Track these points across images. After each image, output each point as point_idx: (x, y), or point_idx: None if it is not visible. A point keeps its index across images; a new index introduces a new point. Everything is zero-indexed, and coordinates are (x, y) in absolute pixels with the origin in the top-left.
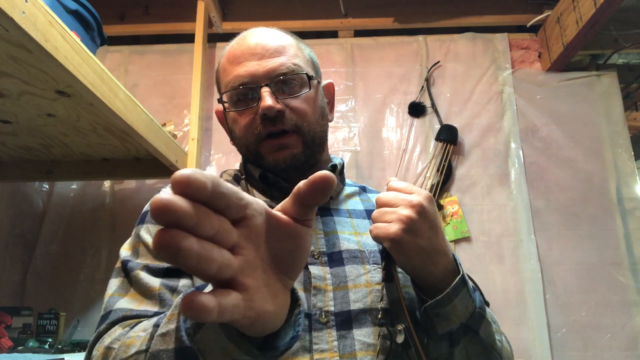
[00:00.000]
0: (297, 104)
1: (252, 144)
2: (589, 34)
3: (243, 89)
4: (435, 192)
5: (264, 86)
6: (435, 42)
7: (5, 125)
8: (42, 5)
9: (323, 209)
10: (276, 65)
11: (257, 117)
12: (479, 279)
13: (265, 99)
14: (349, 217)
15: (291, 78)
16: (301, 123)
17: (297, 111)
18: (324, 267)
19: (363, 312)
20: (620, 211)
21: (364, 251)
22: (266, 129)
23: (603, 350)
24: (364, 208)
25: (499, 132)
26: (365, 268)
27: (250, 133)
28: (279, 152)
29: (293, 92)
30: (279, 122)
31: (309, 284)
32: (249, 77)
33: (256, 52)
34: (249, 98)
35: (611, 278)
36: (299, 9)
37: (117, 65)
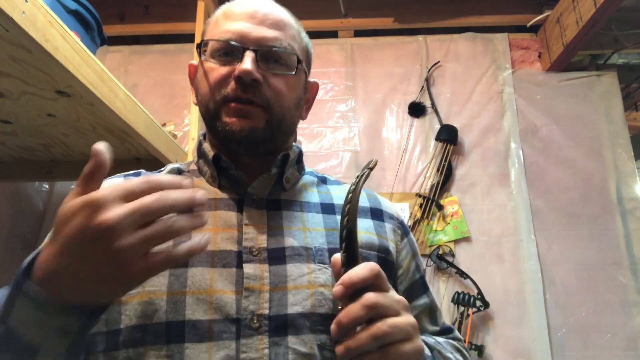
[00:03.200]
0: (276, 81)
1: (214, 103)
2: (589, 34)
3: (227, 44)
4: (435, 192)
5: (250, 49)
6: (435, 42)
7: (5, 125)
8: (42, 5)
9: (272, 201)
10: (270, 36)
11: (230, 77)
12: (479, 279)
13: (245, 61)
14: (300, 211)
15: (280, 55)
16: (273, 101)
17: (274, 88)
18: (263, 264)
19: (302, 316)
20: (620, 211)
21: (310, 248)
22: (235, 93)
23: (603, 350)
24: (319, 201)
25: (499, 132)
26: (310, 267)
27: (217, 91)
28: (239, 118)
29: (277, 69)
30: (251, 92)
31: (240, 285)
32: (239, 36)
33: (255, 16)
34: (231, 57)
35: (611, 278)
36: (299, 9)
37: (117, 65)
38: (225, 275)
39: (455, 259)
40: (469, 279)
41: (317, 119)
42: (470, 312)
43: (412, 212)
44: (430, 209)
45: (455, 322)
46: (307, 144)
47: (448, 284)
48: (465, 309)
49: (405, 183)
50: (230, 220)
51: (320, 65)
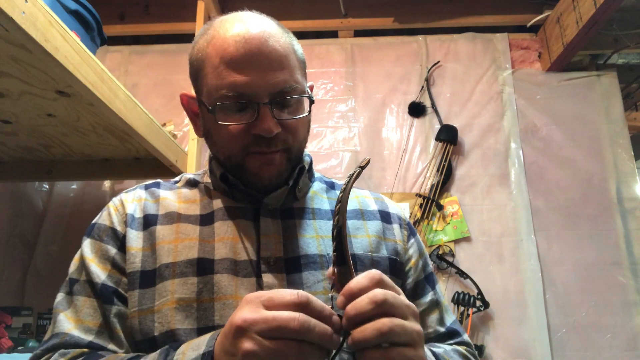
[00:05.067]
0: (293, 124)
1: (236, 156)
2: (589, 34)
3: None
4: (435, 192)
5: (264, 104)
6: (435, 42)
7: (5, 125)
8: (42, 5)
9: (285, 210)
10: (279, 80)
11: (249, 132)
12: (479, 279)
13: (265, 119)
14: (312, 219)
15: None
16: (292, 143)
17: (291, 132)
18: (280, 273)
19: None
20: (620, 211)
21: (324, 255)
22: (259, 148)
23: (603, 350)
24: (329, 207)
25: (499, 132)
26: (324, 274)
27: (237, 145)
28: (265, 167)
29: (292, 112)
30: (273, 144)
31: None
32: (249, 89)
33: (259, 60)
34: (244, 110)
35: (611, 278)
36: (299, 9)
37: (117, 65)
38: (247, 285)
39: (455, 259)
40: (469, 279)
41: (317, 119)
42: (470, 312)
43: (412, 212)
44: (430, 209)
45: None
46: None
47: (448, 284)
48: (465, 309)
49: (405, 183)
50: (248, 230)
51: (320, 65)
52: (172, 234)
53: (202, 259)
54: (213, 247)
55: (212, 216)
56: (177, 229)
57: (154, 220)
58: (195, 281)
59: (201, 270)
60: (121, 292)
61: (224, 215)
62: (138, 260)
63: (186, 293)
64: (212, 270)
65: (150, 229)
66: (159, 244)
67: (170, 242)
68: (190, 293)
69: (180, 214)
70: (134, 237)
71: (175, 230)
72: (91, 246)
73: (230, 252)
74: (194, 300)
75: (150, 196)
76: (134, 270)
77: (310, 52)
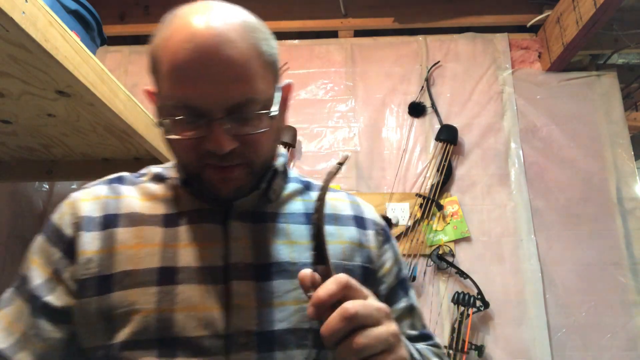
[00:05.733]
0: (253, 139)
1: (192, 166)
2: (589, 34)
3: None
4: (435, 192)
5: (217, 120)
6: (435, 42)
7: (5, 125)
8: (42, 5)
9: (257, 213)
10: (235, 94)
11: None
12: (479, 279)
13: (217, 136)
14: (285, 223)
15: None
16: (253, 156)
17: (251, 146)
18: (249, 281)
19: (288, 332)
20: (620, 211)
21: (296, 263)
22: (212, 161)
23: (603, 350)
24: (303, 210)
25: (499, 132)
26: (294, 283)
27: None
28: (223, 183)
29: (252, 125)
30: (228, 159)
31: (228, 301)
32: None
33: (212, 72)
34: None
35: (611, 278)
36: (299, 9)
37: (117, 65)
38: (213, 292)
39: (455, 259)
40: (469, 279)
41: (317, 119)
42: (470, 312)
43: (412, 212)
44: (430, 209)
45: (455, 322)
46: (307, 144)
47: (448, 284)
48: (465, 309)
49: (405, 183)
50: (216, 235)
51: (320, 65)
52: (133, 238)
53: (164, 268)
54: (177, 253)
55: (178, 217)
56: (138, 232)
57: (115, 222)
58: (155, 291)
59: (163, 279)
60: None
61: (190, 217)
62: (94, 265)
63: (145, 303)
64: (174, 279)
65: (110, 230)
66: (119, 248)
67: (131, 247)
68: (150, 303)
69: (142, 214)
70: (89, 240)
71: (136, 234)
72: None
73: (195, 258)
74: (153, 311)
75: (112, 192)
76: (91, 276)
77: (310, 52)
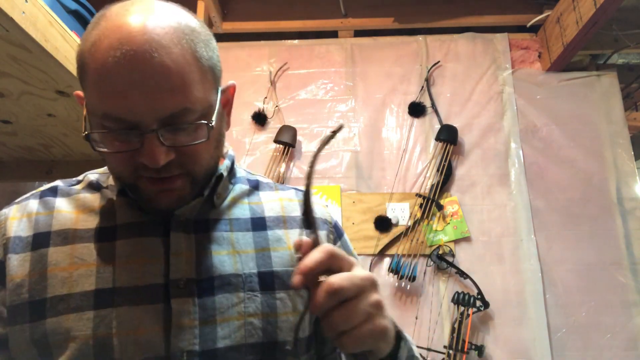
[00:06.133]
0: (191, 149)
1: (127, 178)
2: (589, 34)
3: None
4: (435, 192)
5: (149, 132)
6: (435, 42)
7: (5, 125)
8: (42, 5)
9: (200, 221)
10: (170, 104)
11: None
12: (479, 279)
13: (150, 152)
14: (229, 231)
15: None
16: (192, 166)
17: (190, 156)
18: (191, 298)
19: (231, 349)
20: (620, 211)
21: (240, 275)
22: (148, 173)
23: (603, 350)
24: (249, 215)
25: (499, 132)
26: (239, 297)
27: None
28: (162, 194)
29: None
30: (166, 171)
31: (168, 322)
32: (132, 116)
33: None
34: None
35: (611, 278)
36: (299, 9)
37: None
38: (153, 313)
39: (455, 259)
40: (469, 279)
41: (317, 119)
42: (470, 312)
43: (412, 212)
44: (430, 209)
45: (455, 322)
46: (307, 144)
47: (448, 284)
48: (465, 309)
49: (405, 183)
50: (155, 249)
51: (320, 65)
52: (66, 258)
53: (99, 290)
54: (113, 272)
55: (115, 231)
56: (72, 251)
57: (46, 241)
58: (91, 316)
59: (98, 302)
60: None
61: (128, 231)
62: (25, 290)
63: (81, 329)
64: (111, 301)
65: (41, 251)
66: (51, 270)
67: (64, 268)
68: (86, 329)
69: (76, 230)
70: (18, 263)
71: (70, 254)
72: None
73: (132, 277)
74: (90, 337)
75: (43, 208)
76: (21, 302)
77: (310, 52)
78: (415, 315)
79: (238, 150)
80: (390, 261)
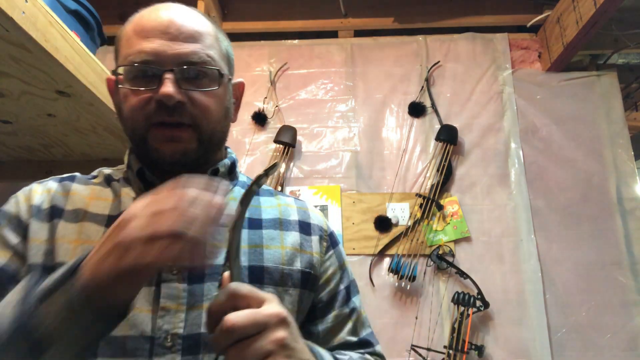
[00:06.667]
0: (201, 98)
1: (140, 128)
2: (589, 34)
3: (144, 67)
4: (435, 192)
5: (168, 71)
6: (435, 42)
7: (5, 125)
8: (42, 5)
9: None
10: (188, 51)
11: (152, 100)
12: (479, 279)
13: (166, 84)
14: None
15: (201, 70)
16: (201, 119)
17: (200, 105)
18: (182, 284)
19: None
20: (620, 211)
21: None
22: (160, 117)
23: (603, 350)
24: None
25: (499, 132)
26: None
27: (140, 115)
28: (169, 143)
29: (200, 85)
30: (176, 114)
31: (157, 304)
32: (154, 56)
33: (169, 31)
34: (149, 78)
35: (611, 278)
36: (299, 9)
37: None
38: (144, 294)
39: (455, 259)
40: (469, 279)
41: (317, 119)
42: (470, 312)
43: (412, 212)
44: (430, 209)
45: (455, 322)
46: (307, 144)
47: (448, 284)
48: (465, 309)
49: (405, 183)
50: None
51: (320, 65)
52: (74, 233)
53: None
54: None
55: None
56: (80, 228)
57: (60, 214)
58: None
59: None
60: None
61: None
62: (41, 253)
63: None
64: None
65: (54, 222)
66: (59, 240)
67: (70, 242)
68: None
69: (87, 211)
70: (38, 229)
71: (78, 230)
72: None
73: None
74: None
75: (62, 189)
76: (36, 263)
77: (310, 52)
78: (415, 315)
79: (238, 150)
80: (390, 261)
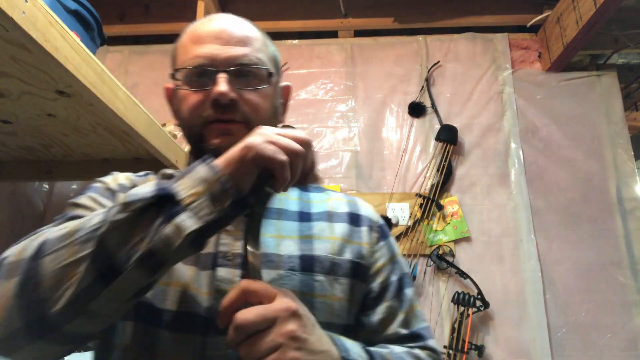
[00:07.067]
0: (252, 96)
1: (197, 127)
2: (589, 34)
3: (199, 70)
4: (435, 192)
5: (222, 72)
6: (435, 42)
7: (5, 125)
8: (42, 5)
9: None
10: (239, 54)
11: (207, 100)
12: (479, 279)
13: (220, 84)
14: (276, 219)
15: (251, 70)
16: (252, 116)
17: (251, 104)
18: (235, 269)
19: None
20: (620, 211)
21: (282, 255)
22: (215, 115)
23: (603, 350)
24: (297, 209)
25: (499, 132)
26: (278, 274)
27: (197, 115)
28: (222, 137)
29: (250, 84)
30: (230, 111)
31: (212, 287)
32: (209, 59)
33: (221, 36)
34: (204, 80)
35: (611, 278)
36: (299, 9)
37: (117, 65)
38: (202, 276)
39: (455, 259)
40: (469, 279)
41: (317, 119)
42: (470, 312)
43: (412, 212)
44: (430, 209)
45: (455, 322)
46: None
47: (448, 284)
48: (465, 309)
49: (405, 183)
50: None
51: (320, 65)
52: None
53: None
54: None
55: None
56: None
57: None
58: None
59: None
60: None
61: None
62: None
63: None
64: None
65: None
66: None
67: None
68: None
69: None
70: None
71: None
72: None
73: None
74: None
75: (140, 179)
76: None
77: (310, 52)
78: None
79: None
80: None
